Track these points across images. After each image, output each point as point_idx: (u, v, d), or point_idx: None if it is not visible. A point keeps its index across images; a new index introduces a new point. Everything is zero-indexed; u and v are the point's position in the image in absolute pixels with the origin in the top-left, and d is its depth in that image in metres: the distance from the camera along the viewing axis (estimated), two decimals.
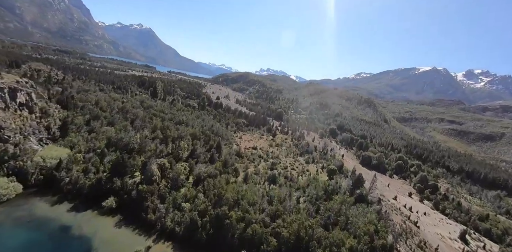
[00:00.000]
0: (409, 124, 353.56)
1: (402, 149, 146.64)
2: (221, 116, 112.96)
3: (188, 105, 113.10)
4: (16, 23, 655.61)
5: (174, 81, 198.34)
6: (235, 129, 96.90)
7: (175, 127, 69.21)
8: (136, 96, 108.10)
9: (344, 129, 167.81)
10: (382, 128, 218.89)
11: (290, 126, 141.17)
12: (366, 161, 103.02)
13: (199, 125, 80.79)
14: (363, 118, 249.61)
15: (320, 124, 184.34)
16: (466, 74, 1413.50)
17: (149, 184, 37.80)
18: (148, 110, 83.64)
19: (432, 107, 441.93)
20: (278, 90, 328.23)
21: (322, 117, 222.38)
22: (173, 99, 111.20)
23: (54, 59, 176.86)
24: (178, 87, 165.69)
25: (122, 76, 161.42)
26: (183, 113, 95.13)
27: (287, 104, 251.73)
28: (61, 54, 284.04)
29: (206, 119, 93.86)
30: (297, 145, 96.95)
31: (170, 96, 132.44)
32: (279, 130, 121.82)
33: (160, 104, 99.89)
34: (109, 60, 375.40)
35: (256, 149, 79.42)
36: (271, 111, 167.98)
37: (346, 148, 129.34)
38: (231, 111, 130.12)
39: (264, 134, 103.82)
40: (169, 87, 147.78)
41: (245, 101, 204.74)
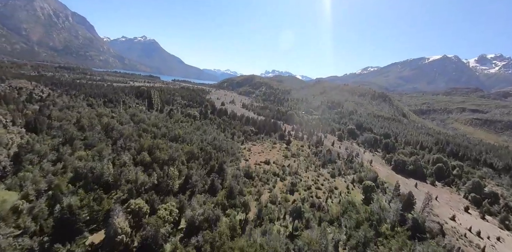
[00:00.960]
0: (427, 116, 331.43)
1: (433, 147, 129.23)
2: (226, 125, 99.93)
3: (188, 115, 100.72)
4: (23, 44, 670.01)
5: (175, 89, 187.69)
6: (243, 139, 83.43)
7: (168, 145, 56.34)
8: (130, 109, 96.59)
9: (363, 128, 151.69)
10: (402, 123, 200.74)
11: (304, 129, 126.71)
12: (399, 166, 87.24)
13: (199, 139, 67.75)
14: (380, 114, 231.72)
15: (336, 125, 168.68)
16: (479, 60, 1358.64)
17: (113, 248, 24.72)
18: (138, 125, 71.32)
19: (449, 97, 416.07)
20: (285, 91, 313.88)
21: (335, 116, 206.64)
22: (170, 109, 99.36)
23: (48, 76, 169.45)
24: (179, 95, 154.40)
25: (119, 88, 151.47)
26: (181, 125, 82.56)
27: (296, 104, 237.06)
28: (62, 71, 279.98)
29: (208, 130, 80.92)
30: (316, 153, 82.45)
31: (169, 105, 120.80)
32: (293, 136, 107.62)
33: (155, 116, 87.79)
34: (111, 73, 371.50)
35: (269, 163, 65.56)
36: (281, 114, 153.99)
37: (371, 150, 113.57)
38: (237, 118, 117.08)
39: (276, 142, 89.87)
40: (169, 96, 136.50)
41: (252, 105, 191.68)
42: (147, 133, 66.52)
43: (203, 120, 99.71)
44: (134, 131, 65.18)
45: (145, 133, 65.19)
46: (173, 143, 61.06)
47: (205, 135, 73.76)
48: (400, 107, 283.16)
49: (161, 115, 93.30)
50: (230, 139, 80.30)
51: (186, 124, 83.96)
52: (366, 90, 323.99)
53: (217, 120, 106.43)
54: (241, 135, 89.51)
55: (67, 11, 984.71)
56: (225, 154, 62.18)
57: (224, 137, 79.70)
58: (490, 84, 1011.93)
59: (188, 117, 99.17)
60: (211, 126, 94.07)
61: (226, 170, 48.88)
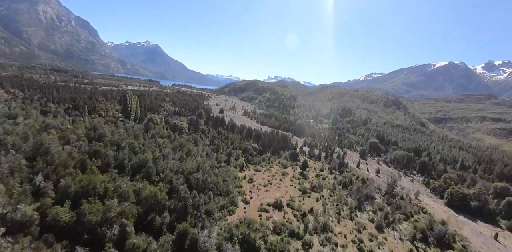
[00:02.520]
0: (444, 125, 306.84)
1: (475, 166, 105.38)
2: (221, 140, 77.38)
3: (173, 127, 78.34)
4: (23, 47, 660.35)
5: (168, 94, 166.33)
6: (242, 163, 60.58)
7: (115, 185, 33.84)
8: (97, 119, 74.53)
9: (387, 141, 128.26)
10: (426, 135, 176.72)
11: (318, 143, 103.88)
12: (456, 201, 63.54)
13: (175, 168, 45.12)
14: (396, 122, 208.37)
15: (351, 136, 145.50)
16: (486, 66, 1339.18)
17: None
18: (91, 145, 48.99)
19: (465, 104, 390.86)
20: (291, 97, 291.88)
21: (348, 125, 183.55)
22: (149, 119, 77.26)
23: (23, 77, 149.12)
24: (169, 100, 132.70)
25: (100, 93, 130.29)
26: (158, 142, 60.02)
27: (304, 112, 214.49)
28: (52, 73, 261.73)
29: (194, 150, 58.24)
30: (345, 183, 59.20)
31: (154, 113, 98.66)
32: (307, 153, 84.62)
33: (126, 130, 65.48)
34: (107, 77, 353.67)
35: (281, 208, 42.49)
36: (289, 123, 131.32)
37: (405, 172, 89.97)
38: (236, 129, 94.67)
39: (288, 165, 66.97)
40: (156, 101, 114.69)
41: (255, 113, 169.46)
42: (97, 158, 44.07)
43: (192, 134, 77.18)
44: (77, 155, 42.76)
45: (93, 160, 42.70)
46: (128, 178, 38.50)
47: (188, 160, 51.08)
48: (416, 115, 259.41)
49: (137, 127, 71.00)
50: (224, 163, 57.47)
51: (166, 141, 61.38)
52: (378, 96, 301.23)
53: (210, 133, 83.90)
54: (241, 155, 66.82)
55: (70, 15, 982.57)
56: (213, 195, 39.42)
57: (216, 160, 56.86)
58: (499, 91, 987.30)
59: (173, 129, 76.78)
60: (201, 143, 71.48)
61: (205, 245, 25.90)
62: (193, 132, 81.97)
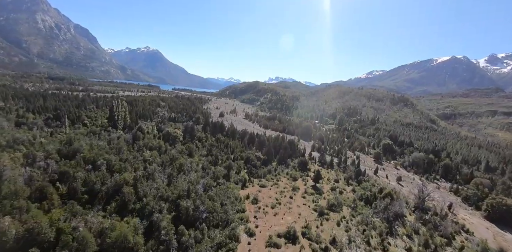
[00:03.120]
0: (453, 121, 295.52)
1: (503, 167, 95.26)
2: (220, 149, 68.55)
3: (166, 136, 69.67)
4: (22, 56, 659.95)
5: (164, 98, 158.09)
6: (244, 178, 51.53)
7: (71, 227, 25.04)
8: (79, 130, 66.24)
9: (400, 142, 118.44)
10: (440, 133, 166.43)
11: (328, 146, 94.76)
12: (498, 214, 53.88)
13: (160, 192, 36.36)
14: (406, 120, 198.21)
15: (361, 137, 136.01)
16: (489, 60, 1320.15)
17: None
18: (59, 164, 40.66)
19: (474, 99, 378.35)
20: (293, 97, 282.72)
21: (356, 125, 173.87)
22: (138, 128, 68.75)
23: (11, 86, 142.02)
24: (165, 106, 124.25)
25: (91, 100, 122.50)
26: (145, 156, 51.22)
27: (308, 113, 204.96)
28: (48, 81, 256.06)
29: (186, 164, 49.33)
30: (367, 198, 49.96)
31: (146, 120, 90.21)
32: (317, 160, 75.45)
33: (111, 141, 56.96)
34: (106, 83, 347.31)
35: (294, 239, 33.44)
36: (294, 126, 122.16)
37: (428, 178, 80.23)
38: (237, 135, 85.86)
39: (297, 177, 57.95)
40: (150, 107, 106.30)
41: (257, 115, 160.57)
42: (63, 182, 35.57)
43: (187, 143, 68.39)
44: (40, 179, 34.40)
45: (58, 185, 34.22)
46: (98, 209, 29.89)
47: (179, 179, 42.26)
48: (425, 112, 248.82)
49: (123, 138, 62.40)
50: (223, 179, 48.50)
51: (155, 154, 52.59)
52: (384, 94, 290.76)
53: (208, 141, 75.07)
54: (243, 166, 57.90)
55: (69, 23, 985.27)
56: (207, 229, 30.50)
57: (213, 177, 47.88)
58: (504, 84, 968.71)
59: (165, 139, 68.15)
60: (197, 153, 62.74)
61: None
62: (188, 141, 73.23)
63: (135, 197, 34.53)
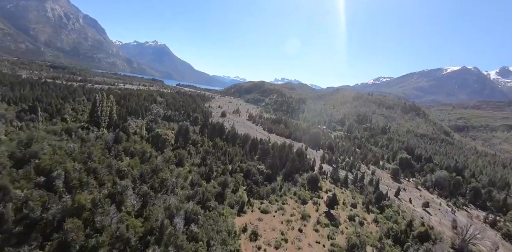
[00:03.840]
0: (465, 134, 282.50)
1: None
2: (216, 157, 58.26)
3: (155, 138, 59.48)
4: (29, 44, 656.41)
5: (165, 94, 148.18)
6: (242, 201, 41.05)
7: None
8: (53, 127, 56.31)
9: (418, 156, 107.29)
10: (458, 147, 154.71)
11: (339, 157, 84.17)
12: None
13: (127, 227, 25.98)
14: (419, 131, 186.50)
15: (373, 147, 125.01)
16: (500, 72, 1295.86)
17: None
18: (4, 173, 30.63)
19: (487, 111, 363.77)
20: (300, 100, 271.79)
21: (366, 133, 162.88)
22: (122, 128, 58.69)
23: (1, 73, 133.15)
24: (162, 102, 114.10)
25: (85, 91, 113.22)
26: (121, 165, 40.96)
27: (315, 117, 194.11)
28: (48, 70, 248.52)
29: (171, 179, 38.93)
30: (396, 235, 39.31)
31: (138, 118, 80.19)
32: (329, 176, 64.79)
33: (85, 143, 46.96)
34: (109, 75, 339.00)
35: None
36: (301, 131, 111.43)
37: (455, 203, 69.10)
38: (238, 139, 75.61)
39: (307, 199, 47.45)
40: (144, 103, 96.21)
41: (261, 117, 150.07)
42: None
43: (178, 148, 58.22)
44: None
45: None
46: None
47: (157, 200, 32.03)
48: (438, 123, 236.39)
49: (105, 138, 52.39)
50: (215, 202, 38.07)
51: (134, 163, 42.42)
52: (395, 101, 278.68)
53: (204, 146, 64.76)
54: (242, 182, 47.55)
55: (78, 13, 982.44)
56: None
57: (203, 197, 37.43)
58: None
59: (154, 141, 58.01)
60: (188, 162, 52.58)
61: None
62: (181, 145, 63.03)
63: (84, 235, 24.26)
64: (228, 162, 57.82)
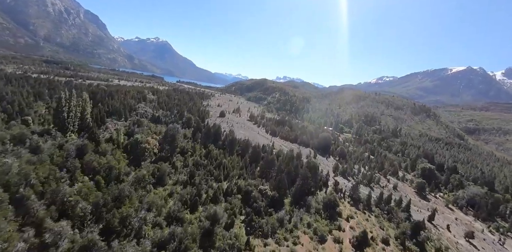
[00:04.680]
0: (477, 137, 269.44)
1: None
2: (208, 172, 46.40)
3: (133, 147, 47.70)
4: (28, 39, 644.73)
5: (159, 91, 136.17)
6: (237, 243, 29.18)
7: None
8: (2, 132, 44.53)
9: (439, 165, 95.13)
10: (476, 153, 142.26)
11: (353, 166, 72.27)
12: None
13: None
14: (431, 134, 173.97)
15: (387, 153, 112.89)
16: (506, 73, 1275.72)
17: None
18: None
19: (498, 114, 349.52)
20: (304, 99, 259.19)
21: (376, 136, 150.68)
22: (90, 133, 47.06)
23: None
24: (155, 100, 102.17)
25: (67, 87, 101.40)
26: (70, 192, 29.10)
27: (321, 118, 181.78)
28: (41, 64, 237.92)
29: (135, 220, 27.17)
30: None
31: (120, 119, 68.33)
32: (347, 195, 52.77)
33: (34, 153, 35.20)
34: (105, 71, 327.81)
35: None
36: (308, 135, 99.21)
37: (499, 229, 57.16)
38: (237, 146, 63.84)
39: (325, 235, 35.46)
40: (131, 101, 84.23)
41: (264, 117, 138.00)
42: None
43: (162, 159, 46.47)
44: None
45: None
46: None
47: None
48: (450, 126, 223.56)
49: (67, 148, 40.53)
50: (198, 249, 26.19)
51: (86, 189, 30.60)
52: (404, 101, 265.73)
53: (195, 156, 52.99)
54: (239, 209, 35.75)
55: (79, 9, 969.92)
56: None
57: (179, 246, 25.53)
58: None
59: (132, 150, 46.31)
60: (172, 179, 40.92)
61: None
62: (166, 155, 51.28)
63: None
64: (223, 177, 46.07)
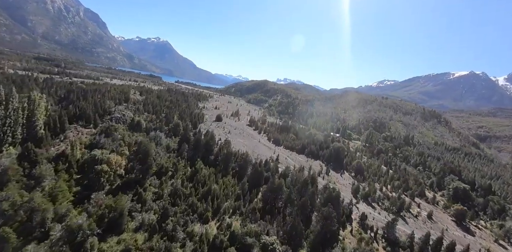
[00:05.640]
0: (489, 144, 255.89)
1: None
2: (189, 207, 32.56)
3: (89, 168, 33.95)
4: (25, 35, 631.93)
5: (148, 91, 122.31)
6: None
7: None
8: None
9: (470, 182, 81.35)
10: (501, 165, 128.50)
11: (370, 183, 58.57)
12: None
13: None
14: (447, 142, 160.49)
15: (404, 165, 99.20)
16: (509, 78, 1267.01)
17: None
18: None
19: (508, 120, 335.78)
20: (307, 101, 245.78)
21: (387, 144, 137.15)
22: (25, 149, 33.68)
23: None
24: (140, 101, 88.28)
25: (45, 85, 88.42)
26: None
27: (327, 123, 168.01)
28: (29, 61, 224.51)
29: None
30: None
31: (87, 126, 54.46)
32: (378, 233, 39.06)
33: None
34: (100, 69, 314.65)
35: None
36: (317, 145, 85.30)
37: None
38: (233, 162, 50.06)
39: None
40: (109, 102, 70.44)
41: (265, 122, 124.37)
42: None
43: (118, 196, 32.58)
44: None
45: None
46: None
47: None
48: (463, 133, 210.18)
49: None
50: None
51: None
52: (412, 106, 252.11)
53: (176, 179, 39.21)
54: None
55: (79, 7, 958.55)
56: None
57: None
58: None
59: (86, 176, 32.47)
60: (134, 221, 26.90)
61: None
62: (137, 177, 37.58)
63: None
64: (212, 213, 32.31)
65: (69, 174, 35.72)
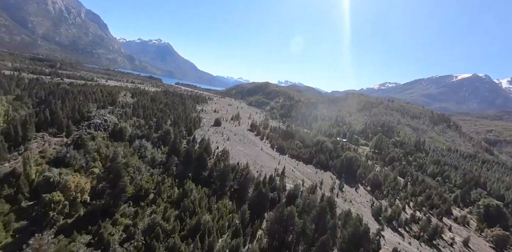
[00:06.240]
0: (499, 149, 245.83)
1: None
2: None
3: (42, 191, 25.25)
4: (25, 36, 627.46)
5: (142, 93, 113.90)
6: None
7: None
8: None
9: (498, 197, 72.22)
10: None
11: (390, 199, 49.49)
12: None
13: None
14: (460, 148, 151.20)
15: (422, 176, 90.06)
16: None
17: None
18: None
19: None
20: (310, 104, 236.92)
21: (397, 150, 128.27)
22: None
23: None
24: (132, 104, 79.76)
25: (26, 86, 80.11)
26: None
27: (333, 127, 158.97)
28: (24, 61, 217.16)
29: None
30: None
31: (59, 135, 45.88)
32: None
33: None
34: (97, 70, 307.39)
35: None
36: (327, 154, 76.34)
37: None
38: (231, 180, 41.22)
39: None
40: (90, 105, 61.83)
41: (267, 126, 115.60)
42: None
43: (73, 236, 23.68)
44: None
45: None
46: None
47: None
48: (475, 138, 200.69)
49: None
50: None
51: None
52: (420, 109, 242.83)
53: (157, 207, 30.38)
54: None
55: (81, 8, 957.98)
56: None
57: None
58: None
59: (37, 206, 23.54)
60: None
61: None
62: (109, 202, 28.84)
63: None
64: None
65: (15, 202, 27.12)
